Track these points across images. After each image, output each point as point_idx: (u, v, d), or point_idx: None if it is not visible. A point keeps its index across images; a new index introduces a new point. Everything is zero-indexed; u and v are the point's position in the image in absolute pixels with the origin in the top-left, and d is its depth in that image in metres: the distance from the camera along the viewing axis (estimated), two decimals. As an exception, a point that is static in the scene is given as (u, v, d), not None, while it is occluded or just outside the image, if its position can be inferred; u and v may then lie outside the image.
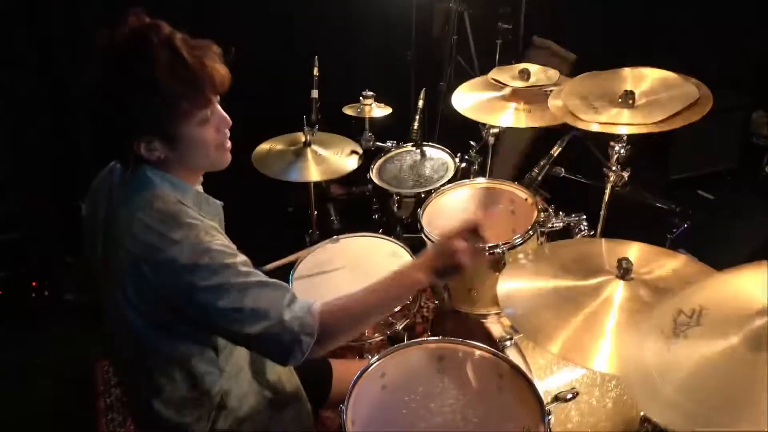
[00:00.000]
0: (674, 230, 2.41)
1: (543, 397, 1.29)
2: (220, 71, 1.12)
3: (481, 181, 2.12)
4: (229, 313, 1.08)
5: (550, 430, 1.23)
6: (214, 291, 1.07)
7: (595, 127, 1.74)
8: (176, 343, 1.17)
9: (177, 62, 1.07)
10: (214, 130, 1.18)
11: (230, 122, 1.21)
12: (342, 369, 1.61)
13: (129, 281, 1.09)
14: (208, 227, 1.12)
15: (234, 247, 1.15)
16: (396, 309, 1.36)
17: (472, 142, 2.48)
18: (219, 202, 1.28)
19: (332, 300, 1.21)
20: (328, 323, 1.16)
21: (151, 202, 1.11)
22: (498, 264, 1.75)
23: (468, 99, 2.32)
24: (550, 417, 1.25)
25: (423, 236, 1.90)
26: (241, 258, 1.13)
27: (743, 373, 0.88)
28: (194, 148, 1.17)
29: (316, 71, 2.49)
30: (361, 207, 2.70)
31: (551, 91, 2.04)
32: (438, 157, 2.50)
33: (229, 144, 1.23)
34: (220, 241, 1.12)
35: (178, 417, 1.24)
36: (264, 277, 1.15)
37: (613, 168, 1.93)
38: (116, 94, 1.07)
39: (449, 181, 2.29)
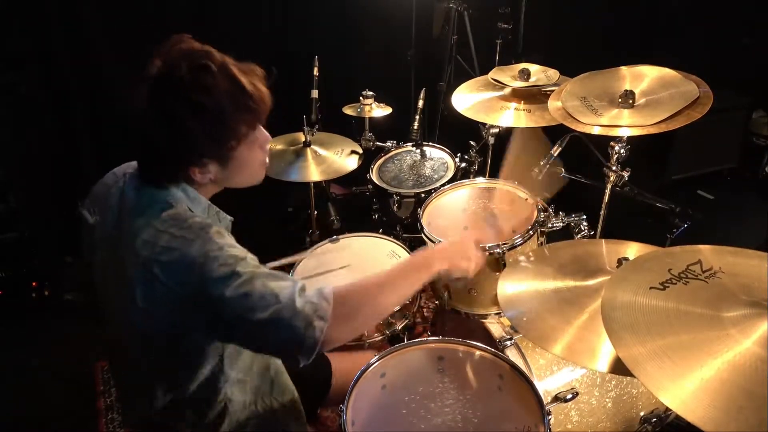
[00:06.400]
0: (674, 230, 2.41)
1: (543, 397, 1.29)
2: (268, 94, 1.15)
3: (481, 181, 2.12)
4: (238, 300, 1.06)
5: (550, 430, 1.23)
6: (223, 280, 1.06)
7: (596, 130, 1.74)
8: (185, 350, 1.17)
9: (237, 89, 1.09)
10: (259, 149, 1.21)
11: (270, 138, 1.23)
12: (342, 361, 1.61)
13: (139, 286, 1.09)
14: (219, 228, 1.13)
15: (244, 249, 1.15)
16: (406, 300, 1.36)
17: (472, 142, 2.48)
18: (229, 217, 1.29)
19: (344, 284, 1.20)
20: (341, 304, 1.14)
21: (164, 210, 1.12)
22: (498, 264, 1.75)
23: (468, 99, 2.32)
24: (550, 417, 1.25)
25: (423, 236, 1.90)
26: (251, 255, 1.14)
27: (708, 338, 0.94)
28: (243, 168, 1.20)
29: (316, 71, 2.49)
30: (361, 207, 2.70)
31: (551, 91, 2.04)
32: (438, 157, 2.50)
33: (267, 160, 1.25)
34: (231, 240, 1.14)
35: (181, 422, 1.24)
36: (273, 271, 1.15)
37: (613, 168, 1.93)
38: (179, 125, 1.06)
39: (449, 181, 2.29)
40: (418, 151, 2.51)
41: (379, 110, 2.62)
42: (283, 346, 1.12)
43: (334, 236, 2.14)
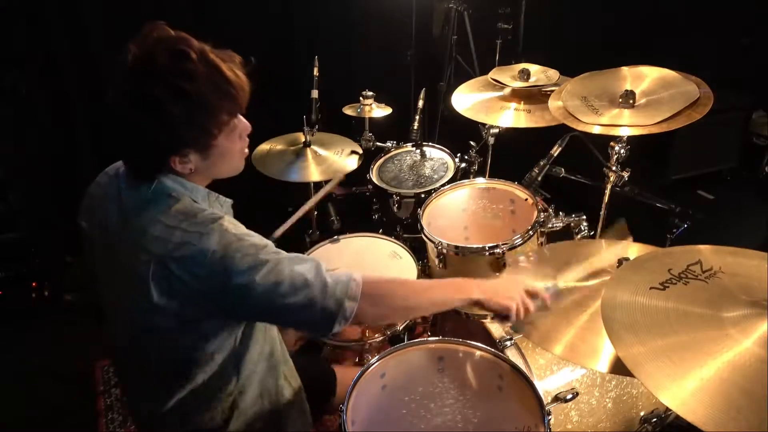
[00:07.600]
0: (674, 230, 2.41)
1: (543, 397, 1.29)
2: (247, 81, 1.14)
3: (481, 181, 2.12)
4: (269, 288, 1.07)
5: (550, 430, 1.23)
6: (250, 271, 1.06)
7: (596, 130, 1.74)
8: (199, 344, 1.17)
9: (217, 75, 1.08)
10: (239, 138, 1.20)
11: (250, 128, 1.22)
12: (346, 376, 1.61)
13: (153, 285, 1.08)
14: (230, 218, 1.13)
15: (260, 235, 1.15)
16: (435, 310, 1.38)
17: (472, 142, 2.48)
18: (229, 200, 1.29)
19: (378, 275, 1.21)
20: (371, 291, 1.16)
21: (169, 205, 1.12)
22: (498, 264, 1.75)
23: (468, 99, 2.32)
24: (550, 417, 1.25)
25: (423, 236, 1.90)
26: (267, 241, 1.14)
27: (707, 338, 0.95)
28: (224, 157, 1.18)
29: (316, 71, 2.49)
30: (361, 207, 2.70)
31: (551, 91, 2.04)
32: (438, 157, 2.50)
33: (247, 150, 1.25)
34: (245, 229, 1.14)
35: (191, 418, 1.24)
36: (294, 254, 1.15)
37: (613, 168, 1.93)
38: (160, 111, 1.05)
39: (449, 181, 2.29)
40: (418, 151, 2.51)
41: (379, 110, 2.62)
42: (315, 325, 1.16)
43: (335, 236, 2.14)
